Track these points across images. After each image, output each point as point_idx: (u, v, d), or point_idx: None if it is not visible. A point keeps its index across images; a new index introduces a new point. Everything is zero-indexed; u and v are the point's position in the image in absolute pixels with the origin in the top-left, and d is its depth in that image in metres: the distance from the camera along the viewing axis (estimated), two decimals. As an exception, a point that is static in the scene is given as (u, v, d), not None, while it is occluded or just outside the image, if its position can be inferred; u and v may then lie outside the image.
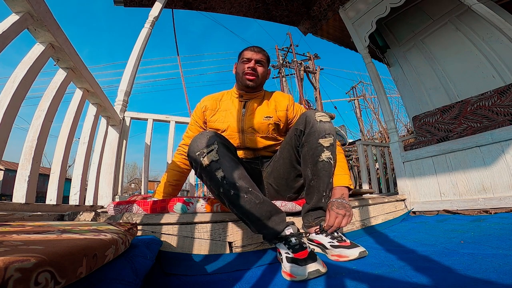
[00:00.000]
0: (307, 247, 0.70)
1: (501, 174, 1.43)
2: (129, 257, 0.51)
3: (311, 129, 0.87)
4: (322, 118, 0.88)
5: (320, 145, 0.85)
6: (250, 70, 1.09)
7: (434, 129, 2.31)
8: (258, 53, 1.12)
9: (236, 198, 0.74)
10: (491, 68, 2.27)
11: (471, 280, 0.53)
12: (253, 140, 1.09)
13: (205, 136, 0.80)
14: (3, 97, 0.73)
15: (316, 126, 0.86)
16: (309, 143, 0.87)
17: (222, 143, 0.81)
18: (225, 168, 0.76)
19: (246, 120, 1.11)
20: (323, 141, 0.85)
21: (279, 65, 12.76)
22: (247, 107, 1.13)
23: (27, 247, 0.29)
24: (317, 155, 0.85)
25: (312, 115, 0.89)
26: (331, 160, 0.85)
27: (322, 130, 0.86)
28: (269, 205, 0.77)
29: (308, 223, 0.88)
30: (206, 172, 0.78)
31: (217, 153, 0.77)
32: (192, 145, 0.80)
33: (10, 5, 0.74)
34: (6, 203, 0.72)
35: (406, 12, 2.84)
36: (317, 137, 0.85)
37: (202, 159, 0.76)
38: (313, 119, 0.87)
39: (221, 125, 1.11)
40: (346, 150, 7.95)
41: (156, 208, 0.97)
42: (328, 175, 0.85)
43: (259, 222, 0.75)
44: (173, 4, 2.37)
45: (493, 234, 0.93)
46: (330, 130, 0.86)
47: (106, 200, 1.39)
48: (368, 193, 1.96)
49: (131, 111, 1.70)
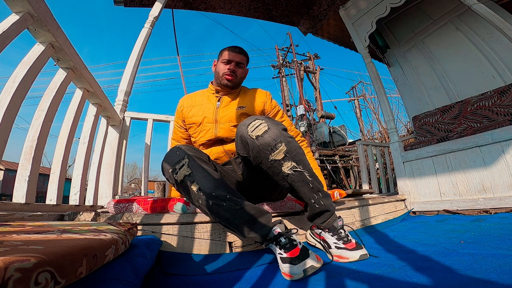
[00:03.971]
0: (298, 244, 0.69)
1: (501, 174, 1.43)
2: (129, 257, 0.51)
3: (254, 151, 0.78)
4: (257, 131, 0.76)
5: (274, 161, 0.75)
6: (229, 72, 1.11)
7: (434, 129, 2.31)
8: (238, 54, 1.13)
9: (215, 208, 0.74)
10: (491, 68, 2.27)
11: (471, 280, 0.53)
12: (225, 129, 1.07)
13: (174, 152, 0.81)
14: (3, 97, 0.73)
15: (257, 145, 0.76)
16: (263, 164, 0.78)
17: (192, 155, 0.80)
18: (199, 180, 0.75)
19: (220, 111, 1.11)
20: (274, 155, 0.75)
21: (279, 65, 12.76)
22: (221, 100, 1.15)
23: (27, 247, 0.29)
24: (279, 172, 0.76)
25: (245, 134, 0.79)
26: (297, 167, 0.76)
27: (266, 146, 0.75)
28: (251, 208, 0.75)
29: (317, 228, 0.87)
30: (182, 187, 0.78)
31: (188, 167, 0.77)
32: (164, 164, 0.81)
33: (10, 5, 0.74)
34: (6, 203, 0.72)
35: (406, 12, 2.84)
36: (266, 156, 0.75)
37: (176, 176, 0.77)
38: (249, 139, 0.77)
39: (197, 119, 1.12)
40: (346, 150, 7.96)
41: (156, 207, 0.97)
42: (303, 184, 0.77)
43: (244, 227, 0.74)
44: (173, 4, 2.37)
45: (493, 234, 0.93)
46: (275, 140, 0.75)
47: (106, 200, 1.39)
48: (368, 193, 1.96)
49: (131, 111, 1.70)
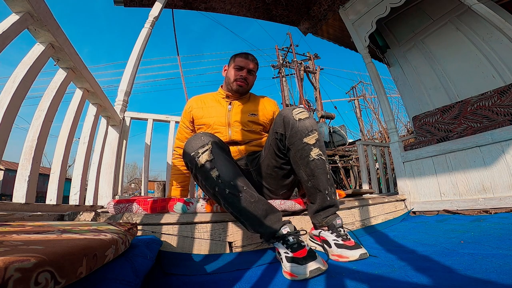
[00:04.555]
0: (306, 245, 0.69)
1: (501, 174, 1.43)
2: (129, 257, 0.51)
3: (292, 131, 0.84)
4: (301, 115, 0.84)
5: (306, 145, 0.82)
6: (242, 79, 1.13)
7: (434, 129, 2.31)
8: (251, 62, 1.15)
9: (231, 197, 0.75)
10: (491, 68, 2.27)
11: (471, 280, 0.53)
12: (239, 133, 1.10)
13: (199, 137, 0.82)
14: (3, 97, 0.73)
15: (297, 126, 0.83)
16: (295, 145, 0.84)
17: (216, 143, 0.82)
18: (220, 167, 0.76)
19: (232, 114, 1.13)
20: (308, 139, 0.82)
21: (279, 65, 12.76)
22: (233, 104, 1.17)
23: (27, 247, 0.29)
24: (306, 155, 0.82)
25: (289, 115, 0.85)
26: (322, 156, 0.82)
27: (304, 129, 0.82)
28: (264, 203, 0.77)
29: (318, 223, 0.87)
30: (201, 172, 0.79)
31: (211, 153, 0.78)
32: (186, 146, 0.82)
33: (10, 5, 0.74)
34: (6, 203, 0.72)
35: (406, 12, 2.84)
36: (301, 137, 0.82)
37: (197, 159, 0.78)
38: (292, 119, 0.84)
39: (208, 120, 1.13)
40: (346, 150, 7.96)
41: (156, 207, 0.97)
42: (323, 172, 0.82)
43: (255, 221, 0.75)
44: (173, 4, 2.37)
45: (493, 234, 0.93)
46: (313, 126, 0.83)
47: (106, 200, 1.39)
48: (368, 193, 1.96)
49: (131, 111, 1.70)
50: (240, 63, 1.14)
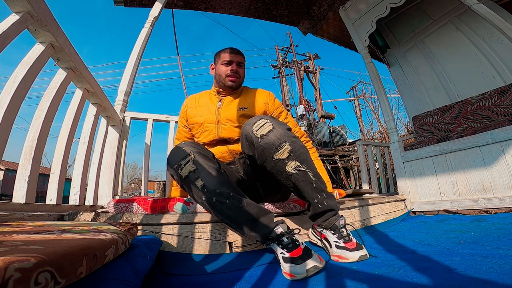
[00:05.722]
0: (300, 244, 0.69)
1: (501, 174, 1.43)
2: (129, 257, 0.51)
3: (258, 150, 0.79)
4: (262, 130, 0.78)
5: (278, 161, 0.76)
6: (233, 73, 1.11)
7: (434, 129, 2.31)
8: (238, 55, 1.14)
9: (219, 205, 0.75)
10: (491, 68, 2.27)
11: (471, 280, 0.53)
12: (228, 130, 1.07)
13: (180, 148, 0.82)
14: (3, 97, 0.73)
15: (261, 144, 0.77)
16: (267, 163, 0.80)
17: (197, 152, 0.81)
18: (204, 176, 0.76)
19: (221, 111, 1.11)
20: (279, 154, 0.76)
21: (279, 65, 12.76)
22: (223, 101, 1.15)
23: (27, 247, 0.29)
24: (283, 171, 0.77)
25: (250, 132, 0.80)
26: (301, 167, 0.76)
27: (270, 145, 0.76)
28: (254, 207, 0.76)
29: (318, 226, 0.86)
30: (186, 183, 0.79)
31: (193, 163, 0.78)
32: (169, 159, 0.82)
33: (10, 5, 0.74)
34: (6, 203, 0.72)
35: (406, 12, 2.84)
36: (270, 155, 0.77)
37: (181, 172, 0.78)
38: (254, 137, 0.79)
39: (199, 119, 1.13)
40: (346, 150, 7.96)
41: (156, 207, 0.97)
42: (306, 183, 0.78)
43: (246, 225, 0.75)
44: (173, 4, 2.37)
45: (493, 234, 0.93)
46: (280, 139, 0.76)
47: (106, 200, 1.39)
48: (368, 193, 1.96)
49: (131, 111, 1.70)
50: (227, 58, 1.12)
